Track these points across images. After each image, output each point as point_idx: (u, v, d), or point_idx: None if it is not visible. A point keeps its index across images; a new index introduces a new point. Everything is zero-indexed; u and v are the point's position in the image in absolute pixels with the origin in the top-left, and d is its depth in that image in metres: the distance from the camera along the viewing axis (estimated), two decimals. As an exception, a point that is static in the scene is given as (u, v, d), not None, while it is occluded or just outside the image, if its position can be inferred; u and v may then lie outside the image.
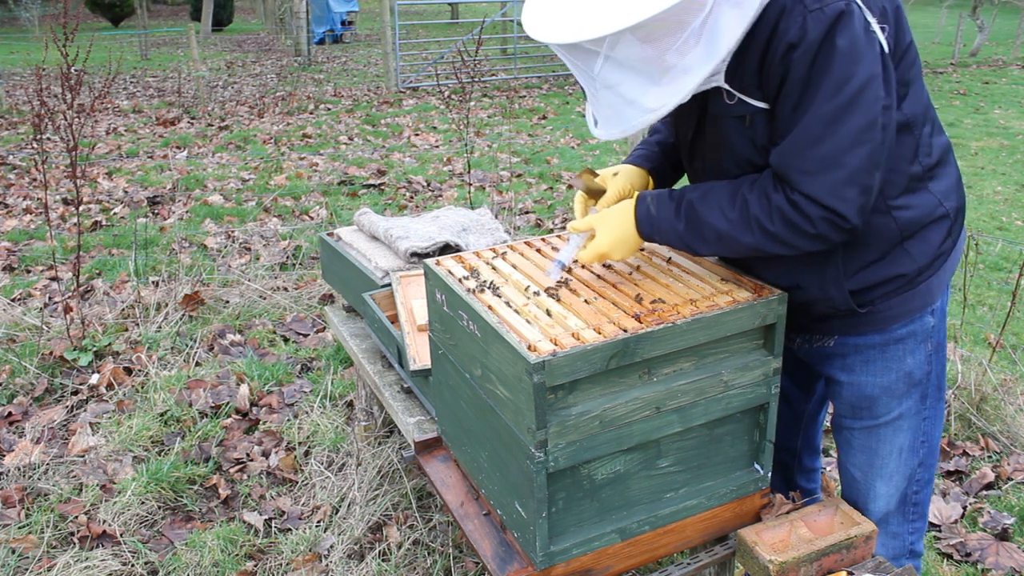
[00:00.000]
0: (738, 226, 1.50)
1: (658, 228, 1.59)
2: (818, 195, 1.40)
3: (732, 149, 1.56)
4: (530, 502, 1.54)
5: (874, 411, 1.72)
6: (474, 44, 7.04)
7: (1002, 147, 8.53)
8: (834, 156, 1.39)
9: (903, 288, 1.60)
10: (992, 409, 3.15)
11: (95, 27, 19.83)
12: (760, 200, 1.47)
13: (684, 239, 1.57)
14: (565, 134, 9.10)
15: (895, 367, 1.68)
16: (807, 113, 1.39)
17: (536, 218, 5.81)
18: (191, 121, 9.93)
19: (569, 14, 1.36)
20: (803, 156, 1.40)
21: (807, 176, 1.41)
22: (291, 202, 6.33)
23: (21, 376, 3.52)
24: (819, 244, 1.47)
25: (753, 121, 1.50)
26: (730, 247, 1.54)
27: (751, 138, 1.52)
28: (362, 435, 2.97)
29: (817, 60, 1.37)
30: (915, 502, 1.79)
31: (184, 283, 4.34)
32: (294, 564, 2.50)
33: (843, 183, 1.39)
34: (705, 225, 1.53)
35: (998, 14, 19.02)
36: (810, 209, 1.42)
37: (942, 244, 1.62)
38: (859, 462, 1.79)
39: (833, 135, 1.38)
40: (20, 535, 2.61)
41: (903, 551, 1.83)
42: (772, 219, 1.46)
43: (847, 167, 1.39)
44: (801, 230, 1.44)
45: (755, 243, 1.50)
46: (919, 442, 1.74)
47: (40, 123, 3.69)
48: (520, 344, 1.46)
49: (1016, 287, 3.26)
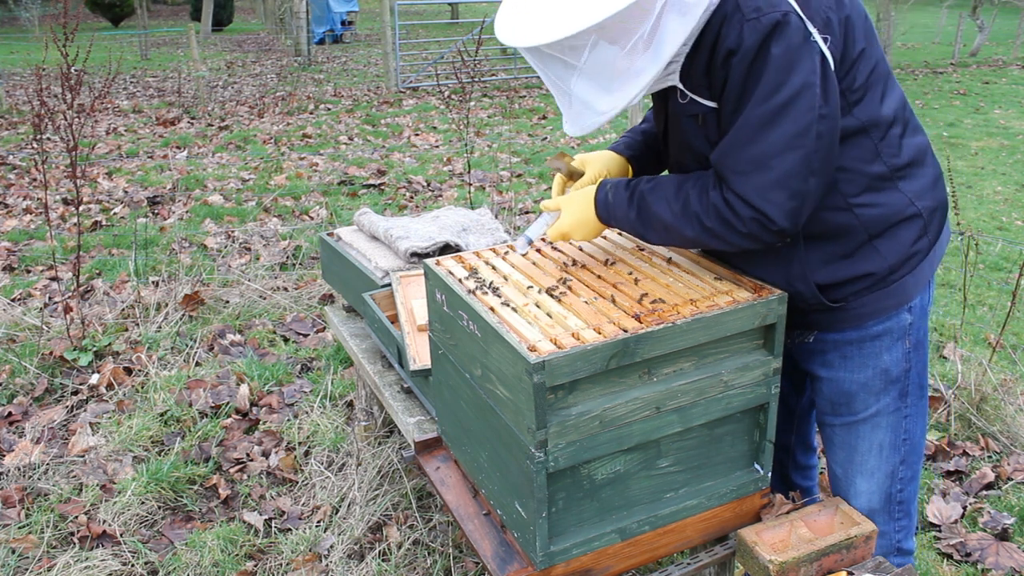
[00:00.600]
0: (680, 219, 1.56)
1: (613, 214, 1.66)
2: (747, 195, 1.46)
3: (690, 145, 1.64)
4: (530, 502, 1.54)
5: (852, 407, 1.74)
6: (474, 44, 7.04)
7: (1002, 147, 8.53)
8: (763, 159, 1.44)
9: (875, 286, 1.62)
10: (992, 409, 3.15)
11: (95, 27, 19.84)
12: (700, 196, 1.53)
13: (635, 227, 1.64)
14: (565, 134, 9.09)
15: (871, 363, 1.70)
16: (743, 114, 1.45)
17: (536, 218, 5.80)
18: (191, 121, 9.93)
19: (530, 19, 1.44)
20: (735, 156, 1.46)
21: (738, 176, 1.46)
22: (291, 202, 6.33)
23: (21, 376, 3.52)
24: (751, 243, 1.52)
25: (705, 120, 1.57)
26: (675, 238, 1.60)
27: (705, 135, 1.59)
28: (362, 435, 2.97)
29: (753, 66, 1.43)
30: (899, 500, 1.80)
31: (184, 283, 4.34)
32: (294, 564, 2.50)
33: (771, 186, 1.44)
34: (653, 216, 1.60)
35: (998, 14, 19.02)
36: (740, 208, 1.47)
37: (915, 243, 1.63)
38: (840, 459, 1.81)
39: (763, 139, 1.43)
40: (20, 535, 2.61)
41: (890, 549, 1.84)
42: (708, 215, 1.52)
43: (775, 170, 1.44)
44: (733, 228, 1.50)
45: (695, 236, 1.56)
46: (900, 440, 1.75)
47: (40, 123, 3.69)
48: (520, 344, 1.46)
49: (1016, 287, 3.26)
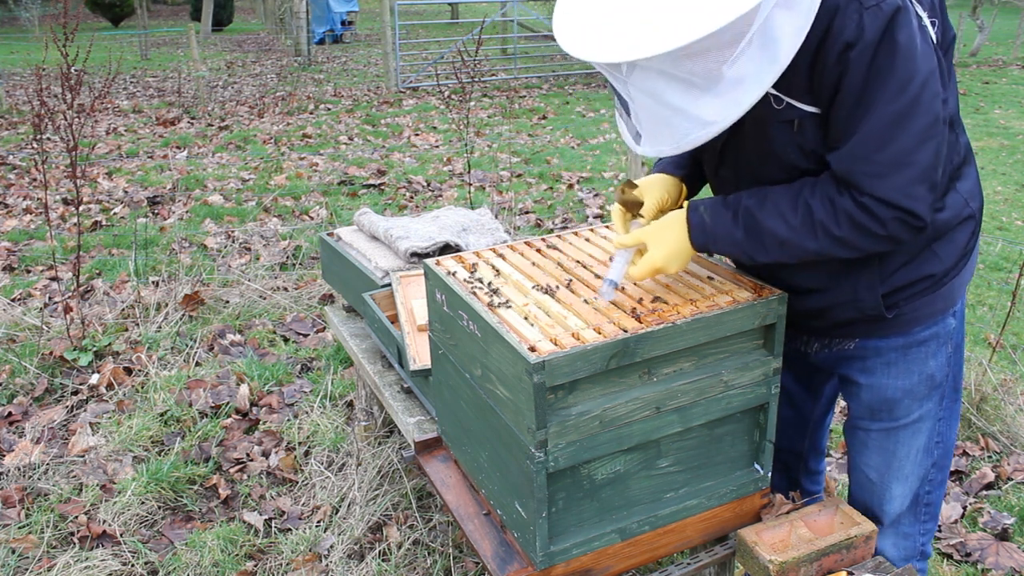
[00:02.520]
0: (801, 232, 1.45)
1: (714, 237, 1.54)
2: (890, 197, 1.37)
3: (777, 155, 1.51)
4: (530, 502, 1.54)
5: (894, 413, 1.70)
6: (474, 44, 7.04)
7: (1002, 147, 8.53)
8: (903, 156, 1.35)
9: (929, 289, 1.59)
10: (992, 409, 3.15)
11: (95, 27, 19.82)
12: (824, 205, 1.43)
13: (743, 247, 1.51)
14: (565, 134, 9.10)
15: (917, 370, 1.66)
16: (870, 115, 1.35)
17: (536, 218, 5.81)
18: (191, 121, 9.93)
19: (613, 31, 1.29)
20: (870, 160, 1.37)
21: (876, 179, 1.37)
22: (291, 202, 6.33)
23: (21, 376, 3.52)
24: (887, 245, 1.44)
25: (802, 126, 1.45)
26: (792, 253, 1.49)
27: (799, 144, 1.47)
28: (362, 435, 2.97)
29: (877, 59, 1.33)
30: (927, 503, 1.78)
31: (184, 283, 4.34)
32: (294, 564, 2.50)
33: (913, 182, 1.36)
34: (766, 232, 1.48)
35: (998, 14, 19.02)
36: (881, 211, 1.38)
37: (967, 244, 1.61)
38: (875, 463, 1.76)
39: (900, 136, 1.35)
40: (20, 535, 2.61)
41: (914, 552, 1.82)
42: (839, 223, 1.41)
43: (916, 165, 1.36)
44: (871, 233, 1.40)
45: (819, 248, 1.45)
46: (934, 443, 1.73)
47: (40, 123, 3.69)
48: (520, 344, 1.46)
49: (1016, 287, 3.26)
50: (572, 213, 6.03)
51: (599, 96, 12.01)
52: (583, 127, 9.47)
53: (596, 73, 14.12)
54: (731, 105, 1.34)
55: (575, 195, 6.54)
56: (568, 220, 5.83)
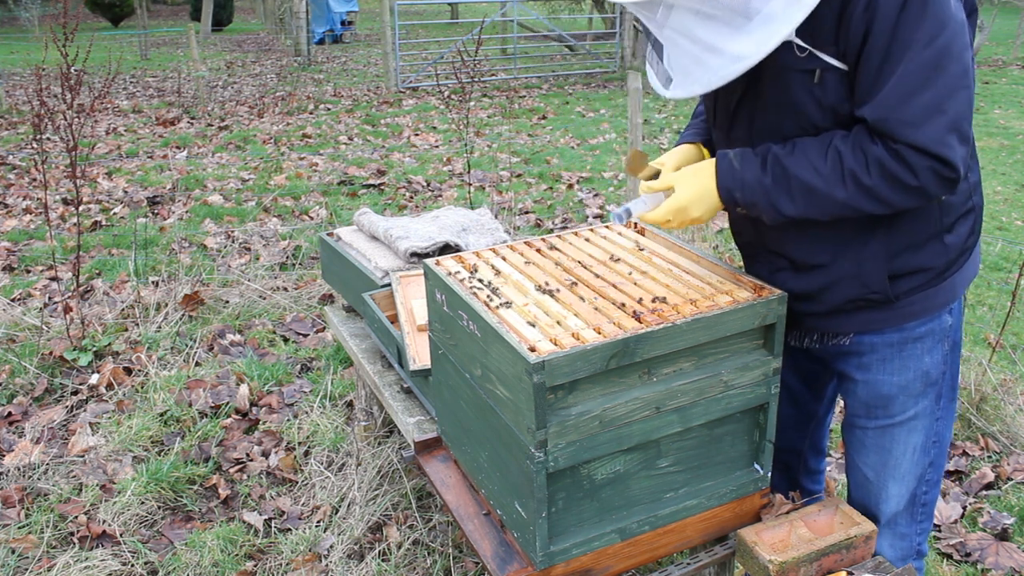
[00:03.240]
0: (830, 180, 1.43)
1: (741, 182, 1.52)
2: (925, 144, 1.36)
3: (794, 108, 1.50)
4: (530, 502, 1.54)
5: (890, 410, 1.70)
6: (474, 44, 7.04)
7: (1002, 147, 8.53)
8: (938, 103, 1.35)
9: (930, 283, 1.59)
10: (992, 409, 3.15)
11: (95, 27, 19.82)
12: (855, 153, 1.41)
13: (770, 195, 1.49)
14: (565, 134, 9.10)
15: (913, 366, 1.66)
16: (904, 62, 1.35)
17: (536, 218, 5.81)
18: (191, 121, 9.93)
19: None
20: (905, 107, 1.36)
21: (911, 127, 1.36)
22: (291, 202, 6.33)
23: (21, 376, 3.52)
24: (916, 199, 1.42)
25: (823, 79, 1.44)
26: (818, 203, 1.46)
27: (818, 97, 1.46)
28: (362, 435, 2.97)
29: (908, 6, 1.33)
30: (923, 502, 1.78)
31: (184, 283, 4.34)
32: (294, 564, 2.50)
33: (948, 130, 1.35)
34: (794, 179, 1.46)
35: (998, 14, 19.01)
36: (915, 159, 1.37)
37: (967, 239, 1.61)
38: (872, 462, 1.77)
39: (935, 82, 1.34)
40: (20, 535, 2.61)
41: (911, 552, 1.82)
42: (870, 172, 1.40)
43: (950, 113, 1.35)
44: (902, 183, 1.39)
45: (847, 198, 1.43)
46: (931, 442, 1.73)
47: (40, 123, 3.69)
48: (520, 344, 1.46)
49: (1016, 287, 3.26)
50: (572, 213, 6.03)
51: (599, 96, 12.01)
52: (583, 127, 9.47)
53: (596, 73, 14.13)
54: (761, 42, 1.36)
55: (575, 195, 6.54)
56: (568, 220, 5.83)
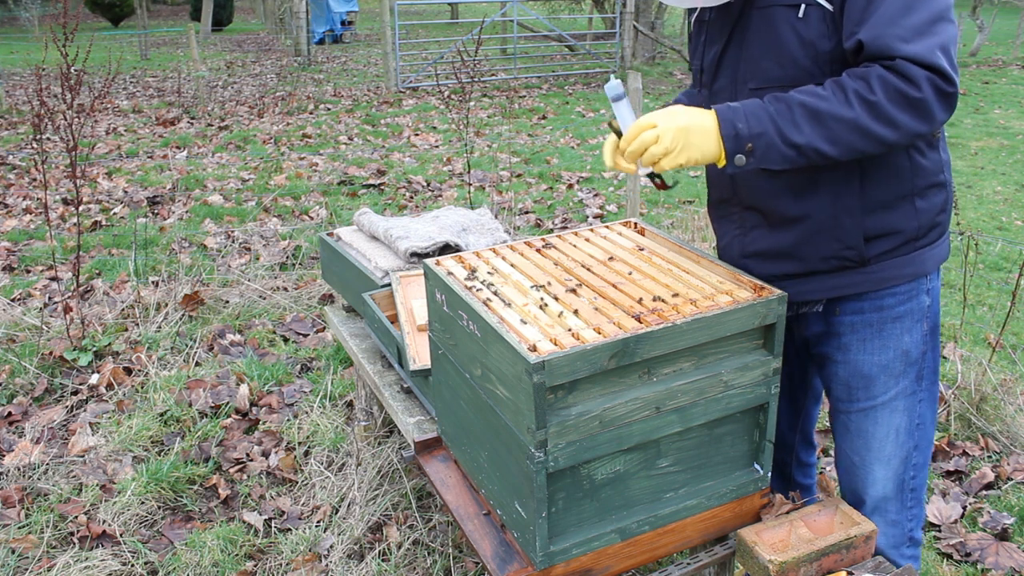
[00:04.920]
0: (835, 102, 1.43)
1: (744, 114, 1.48)
2: (919, 55, 1.39)
3: (777, 45, 1.54)
4: (530, 502, 1.54)
5: (871, 391, 1.73)
6: (474, 44, 7.04)
7: (1002, 147, 8.53)
8: (928, 24, 1.40)
9: (901, 248, 1.62)
10: (992, 409, 3.15)
11: (95, 27, 19.84)
12: (854, 79, 1.43)
13: (776, 122, 1.46)
14: (565, 134, 9.10)
15: (892, 345, 1.69)
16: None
17: (536, 218, 5.81)
18: (191, 121, 9.93)
19: None
20: (899, 24, 1.41)
21: (905, 42, 1.40)
22: (291, 202, 6.34)
23: (21, 376, 3.52)
24: (920, 120, 1.42)
25: (807, 14, 1.49)
26: (827, 127, 1.44)
27: (800, 32, 1.50)
28: (362, 435, 2.97)
29: None
30: (912, 487, 1.80)
31: (184, 283, 4.34)
32: (294, 564, 2.50)
33: (938, 48, 1.40)
34: (797, 106, 1.45)
35: (998, 14, 19.01)
36: (914, 71, 1.39)
37: (939, 213, 1.65)
38: (856, 446, 1.79)
39: (921, 8, 1.40)
40: (20, 535, 2.61)
41: (903, 539, 1.83)
42: (872, 89, 1.41)
43: (940, 35, 1.40)
44: (906, 96, 1.40)
45: (855, 117, 1.42)
46: (914, 424, 1.75)
47: (40, 123, 3.69)
48: (520, 344, 1.46)
49: (1016, 287, 3.26)
50: (572, 213, 6.03)
51: (599, 96, 12.01)
52: (583, 127, 9.47)
53: (596, 73, 14.12)
54: None
55: (575, 195, 6.54)
56: (568, 220, 5.83)
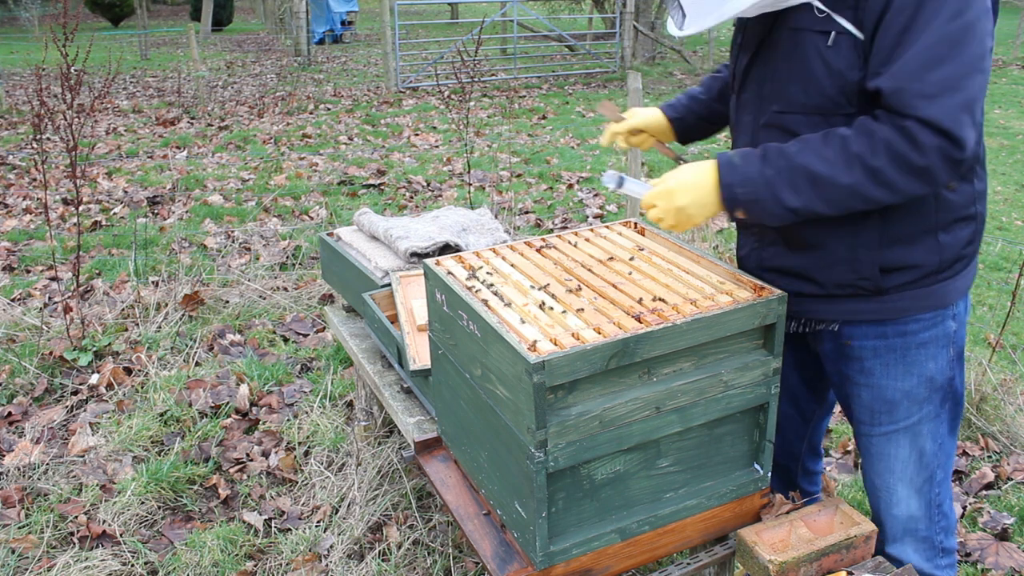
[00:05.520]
0: (836, 164, 1.40)
1: (743, 177, 1.48)
2: (936, 118, 1.33)
3: (804, 71, 1.49)
4: (530, 502, 1.54)
5: (894, 416, 1.69)
6: (474, 44, 7.04)
7: (1002, 147, 8.53)
8: (956, 79, 1.33)
9: (920, 281, 1.58)
10: (992, 409, 3.15)
11: (95, 27, 19.83)
12: (860, 136, 1.39)
13: (773, 187, 1.45)
14: (565, 134, 9.09)
15: (916, 372, 1.65)
16: (926, 33, 1.33)
17: (536, 218, 5.81)
18: (191, 121, 9.93)
19: None
20: (922, 78, 1.33)
21: (925, 100, 1.33)
22: (291, 202, 6.33)
23: (21, 376, 3.52)
24: (923, 182, 1.38)
25: (837, 42, 1.44)
26: (824, 192, 1.42)
27: (829, 60, 1.45)
28: (362, 435, 2.97)
29: None
30: (938, 503, 1.77)
31: (184, 283, 4.34)
32: (294, 564, 2.50)
33: (961, 109, 1.33)
34: (797, 168, 1.43)
35: (998, 14, 19.02)
36: (923, 136, 1.34)
37: (966, 246, 1.60)
38: (879, 469, 1.76)
39: (956, 57, 1.32)
40: (20, 535, 2.61)
41: (935, 552, 1.80)
42: (876, 153, 1.37)
43: (966, 92, 1.33)
44: (909, 163, 1.36)
45: (853, 183, 1.40)
46: (937, 445, 1.72)
47: (40, 123, 3.69)
48: (520, 344, 1.46)
49: (1016, 287, 3.26)
50: (572, 213, 6.02)
51: (599, 96, 12.01)
52: (583, 127, 9.47)
53: (596, 73, 14.12)
54: None
55: (575, 195, 6.54)
56: (568, 220, 5.83)
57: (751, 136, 1.65)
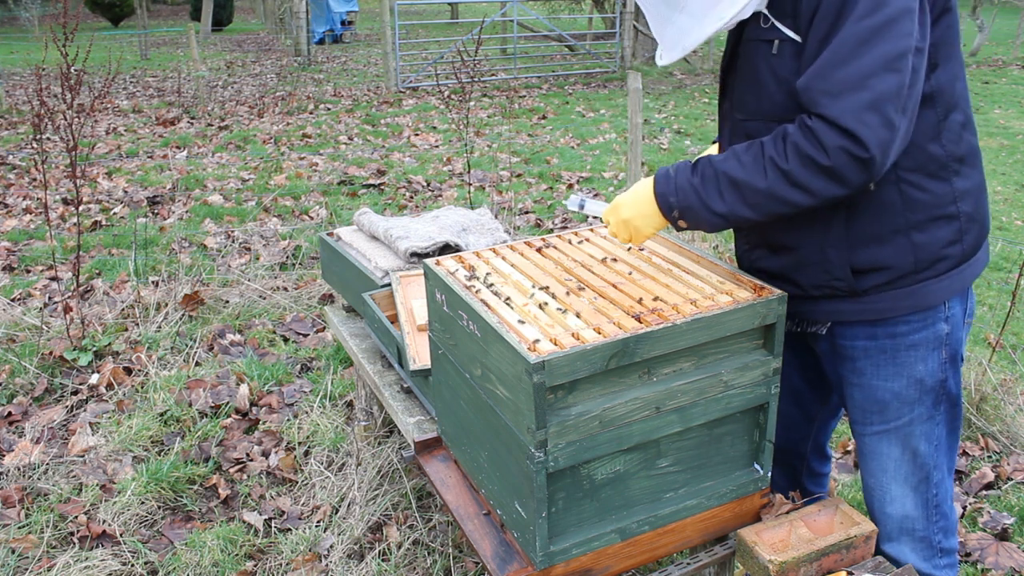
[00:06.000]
0: (751, 170, 1.46)
1: (675, 186, 1.56)
2: (838, 117, 1.35)
3: (757, 80, 1.56)
4: (530, 502, 1.54)
5: (885, 416, 1.70)
6: (474, 44, 7.04)
7: (1002, 147, 8.53)
8: (860, 78, 1.35)
9: (896, 283, 1.58)
10: (992, 409, 3.15)
11: (95, 27, 19.84)
12: (775, 141, 1.45)
13: (700, 194, 1.52)
14: (565, 134, 9.10)
15: (906, 373, 1.66)
16: (837, 35, 1.37)
17: (536, 218, 5.81)
18: (191, 121, 9.93)
19: None
20: (828, 77, 1.37)
21: (829, 98, 1.36)
22: (291, 202, 6.33)
23: (21, 376, 3.52)
24: (832, 183, 1.40)
25: (780, 50, 1.49)
26: (744, 196, 1.48)
27: (774, 68, 1.51)
28: (362, 435, 2.97)
29: None
30: (936, 504, 1.77)
31: (184, 283, 4.34)
32: (294, 564, 2.50)
33: (866, 107, 1.34)
34: (721, 176, 1.50)
35: (998, 14, 19.01)
36: (827, 136, 1.36)
37: (946, 247, 1.57)
38: (872, 468, 1.78)
39: (861, 56, 1.35)
40: (20, 535, 2.61)
41: (933, 552, 1.80)
42: (786, 156, 1.41)
43: (872, 91, 1.34)
44: (815, 163, 1.39)
45: (769, 187, 1.44)
46: (933, 446, 1.72)
47: (40, 123, 3.69)
48: (520, 344, 1.46)
49: (1016, 287, 3.26)
50: (572, 213, 6.03)
51: (599, 96, 12.01)
52: (583, 127, 9.47)
53: (596, 73, 14.12)
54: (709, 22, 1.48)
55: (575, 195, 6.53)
56: (568, 220, 5.83)
57: (728, 144, 1.71)
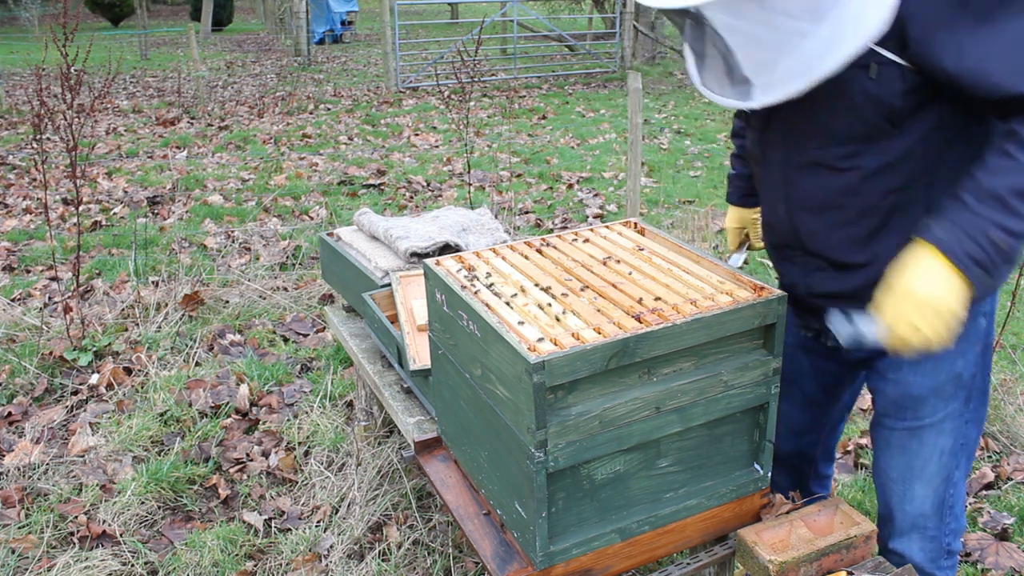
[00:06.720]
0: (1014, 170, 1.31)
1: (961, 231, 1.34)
2: None
3: (850, 104, 1.45)
4: (530, 502, 1.54)
5: (919, 412, 1.68)
6: (474, 44, 7.04)
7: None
8: None
9: None
10: (992, 409, 3.15)
11: (95, 27, 19.82)
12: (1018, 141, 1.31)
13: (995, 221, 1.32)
14: (565, 134, 9.10)
15: (945, 368, 1.64)
16: (1014, 21, 1.29)
17: (536, 218, 5.81)
18: (191, 121, 9.93)
19: None
20: None
21: None
22: (291, 202, 6.33)
23: (21, 376, 3.52)
24: None
25: (880, 73, 1.40)
26: None
27: (869, 90, 1.42)
28: (362, 435, 2.97)
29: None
30: (951, 504, 1.76)
31: (184, 283, 4.34)
32: (294, 564, 2.50)
33: None
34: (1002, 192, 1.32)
35: None
36: None
37: None
38: (897, 463, 1.75)
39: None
40: (20, 535, 2.61)
41: (940, 553, 1.79)
42: None
43: None
44: None
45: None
46: (959, 444, 1.71)
47: (40, 123, 3.69)
48: (520, 344, 1.46)
49: (1016, 287, 3.26)
50: (572, 213, 6.03)
51: (599, 96, 12.01)
52: (583, 127, 9.47)
53: (596, 73, 14.12)
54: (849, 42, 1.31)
55: (575, 195, 6.54)
56: (568, 220, 5.83)
57: (783, 173, 1.62)
